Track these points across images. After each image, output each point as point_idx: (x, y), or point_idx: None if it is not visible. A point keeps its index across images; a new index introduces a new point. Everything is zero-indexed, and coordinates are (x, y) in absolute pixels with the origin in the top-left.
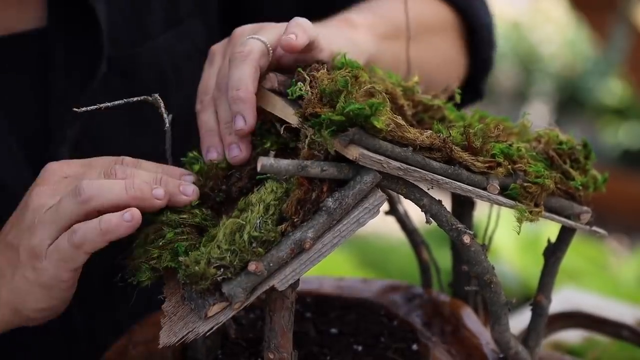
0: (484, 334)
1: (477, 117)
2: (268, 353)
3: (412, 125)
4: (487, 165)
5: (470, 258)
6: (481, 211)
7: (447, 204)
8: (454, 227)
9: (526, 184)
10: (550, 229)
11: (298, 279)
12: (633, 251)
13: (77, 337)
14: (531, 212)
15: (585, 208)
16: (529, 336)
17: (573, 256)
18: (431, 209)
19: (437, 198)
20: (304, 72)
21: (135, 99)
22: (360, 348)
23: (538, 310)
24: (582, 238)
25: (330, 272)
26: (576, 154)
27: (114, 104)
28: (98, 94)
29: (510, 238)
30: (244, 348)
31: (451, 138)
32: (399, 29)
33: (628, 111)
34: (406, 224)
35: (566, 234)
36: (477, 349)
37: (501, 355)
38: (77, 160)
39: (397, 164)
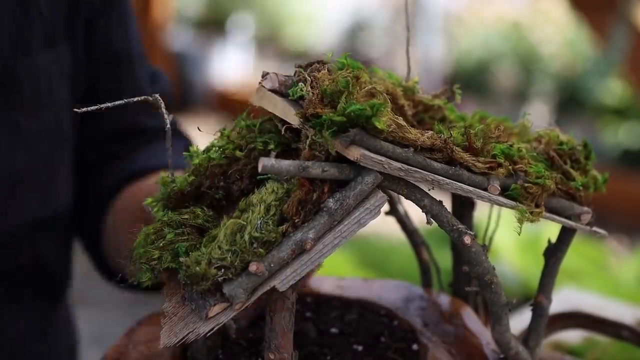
0: (484, 334)
1: (478, 118)
2: (268, 353)
3: (413, 125)
4: (488, 165)
5: (470, 259)
6: (481, 211)
7: (447, 205)
8: (455, 228)
9: (527, 185)
10: (550, 230)
11: (299, 280)
12: (633, 251)
13: None
14: (532, 213)
15: (585, 208)
16: (529, 336)
17: (573, 256)
18: (432, 210)
19: (438, 199)
20: (305, 73)
21: (134, 99)
22: (360, 348)
23: (538, 310)
24: (583, 238)
25: (330, 272)
26: (576, 155)
27: (113, 104)
28: None
29: (510, 238)
30: (245, 348)
31: (452, 139)
32: None
33: (628, 111)
34: (406, 225)
35: (566, 235)
36: (478, 349)
37: (501, 355)
38: None
39: (398, 165)
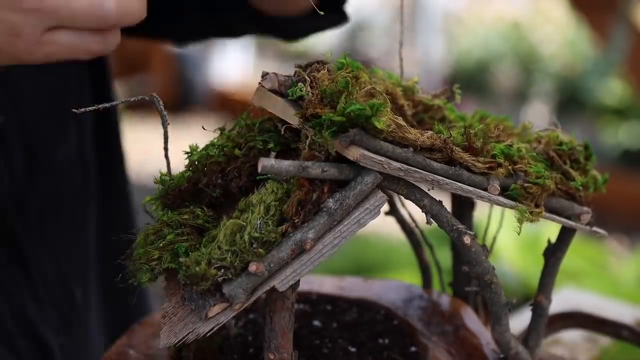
0: (484, 334)
1: (478, 118)
2: (268, 353)
3: (413, 125)
4: (488, 165)
5: (470, 259)
6: (481, 212)
7: (447, 205)
8: (455, 228)
9: (527, 185)
10: (550, 230)
11: (299, 280)
12: (633, 251)
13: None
14: (532, 213)
15: (585, 208)
16: (529, 336)
17: (573, 256)
18: (432, 210)
19: (438, 199)
20: (305, 73)
21: (133, 99)
22: (359, 348)
23: (538, 310)
24: (582, 238)
25: (330, 272)
26: (576, 155)
27: (113, 104)
28: None
29: (510, 238)
30: (245, 348)
31: (452, 139)
32: None
33: (628, 111)
34: (406, 225)
35: (566, 235)
36: (477, 349)
37: (501, 355)
38: None
39: (398, 165)
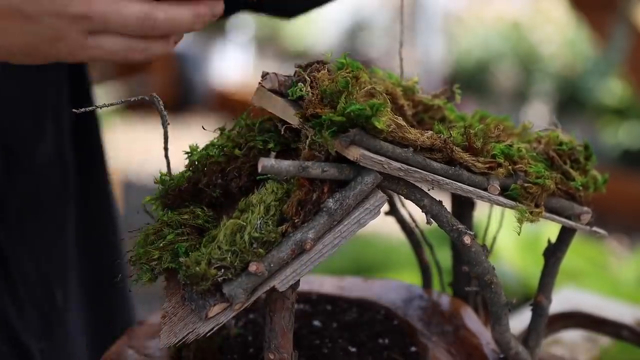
0: (484, 334)
1: (478, 118)
2: (268, 353)
3: (413, 125)
4: (488, 165)
5: (470, 259)
6: (481, 212)
7: (447, 205)
8: (455, 228)
9: (527, 185)
10: (550, 230)
11: (298, 280)
12: (633, 251)
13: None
14: (532, 213)
15: (585, 208)
16: (529, 336)
17: (573, 256)
18: (432, 210)
19: (438, 199)
20: (305, 73)
21: (133, 99)
22: (359, 348)
23: (538, 310)
24: (582, 238)
25: (330, 272)
26: (576, 155)
27: (112, 104)
28: None
29: (510, 238)
30: (245, 348)
31: (452, 139)
32: None
33: (628, 111)
34: (406, 225)
35: (566, 235)
36: (477, 349)
37: (501, 355)
38: None
39: (398, 165)
